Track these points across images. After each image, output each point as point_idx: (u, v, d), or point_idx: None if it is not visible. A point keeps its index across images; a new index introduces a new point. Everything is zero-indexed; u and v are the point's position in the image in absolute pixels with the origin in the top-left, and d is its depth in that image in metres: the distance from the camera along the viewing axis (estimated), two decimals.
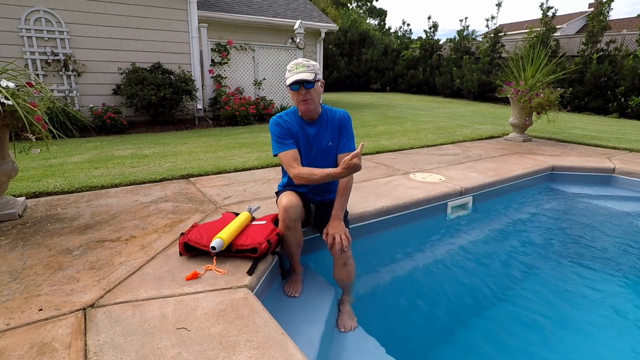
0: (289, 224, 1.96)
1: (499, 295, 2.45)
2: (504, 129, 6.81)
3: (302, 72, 1.95)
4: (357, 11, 30.21)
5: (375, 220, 2.79)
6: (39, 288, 1.69)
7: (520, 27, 20.64)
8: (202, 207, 2.77)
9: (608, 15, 11.58)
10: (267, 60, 8.21)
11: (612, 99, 10.88)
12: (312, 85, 1.98)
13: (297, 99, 2.01)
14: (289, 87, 1.99)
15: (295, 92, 1.99)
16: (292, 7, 10.84)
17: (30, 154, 2.38)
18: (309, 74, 1.95)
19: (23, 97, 2.24)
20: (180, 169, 3.74)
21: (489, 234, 3.21)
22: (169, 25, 6.91)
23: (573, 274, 2.68)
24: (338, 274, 2.10)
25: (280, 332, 1.42)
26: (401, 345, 1.95)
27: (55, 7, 5.92)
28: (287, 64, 8.84)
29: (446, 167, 4.11)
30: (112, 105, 6.48)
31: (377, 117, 8.45)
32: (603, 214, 3.64)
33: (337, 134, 2.15)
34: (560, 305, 2.34)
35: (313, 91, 2.00)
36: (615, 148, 5.29)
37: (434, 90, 16.94)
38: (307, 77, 1.94)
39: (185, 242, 1.94)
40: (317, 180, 1.97)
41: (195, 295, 1.65)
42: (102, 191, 3.09)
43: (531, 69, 5.58)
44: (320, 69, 2.04)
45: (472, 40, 15.83)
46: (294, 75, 1.95)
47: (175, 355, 1.30)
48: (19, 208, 2.52)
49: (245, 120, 7.17)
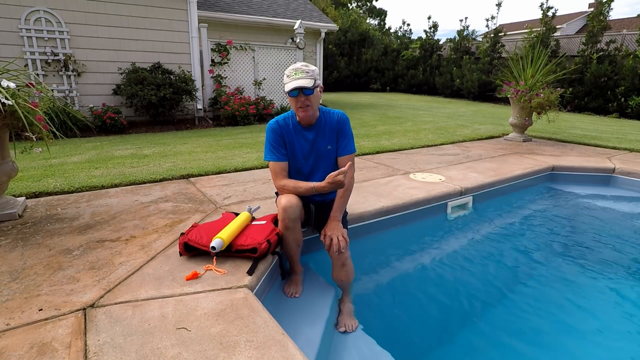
0: (288, 224, 1.96)
1: (498, 296, 2.45)
2: (504, 129, 6.81)
3: (302, 78, 1.92)
4: (357, 11, 30.20)
5: (375, 220, 2.80)
6: (39, 288, 1.70)
7: (520, 27, 20.63)
8: (202, 207, 2.77)
9: (608, 15, 11.58)
10: (267, 60, 8.21)
11: (612, 99, 10.88)
12: (311, 92, 1.95)
13: (296, 105, 1.99)
14: (288, 94, 1.97)
15: (294, 98, 1.97)
16: (292, 7, 10.84)
17: (31, 154, 2.38)
18: (308, 80, 1.92)
19: (23, 97, 2.24)
20: (180, 169, 3.74)
21: (489, 234, 3.21)
22: (169, 25, 6.91)
23: (573, 274, 2.68)
24: (337, 275, 2.10)
25: (280, 332, 1.42)
26: (401, 345, 1.95)
27: (55, 7, 5.92)
28: (287, 64, 8.80)
29: (446, 167, 4.11)
30: (112, 105, 6.49)
31: (377, 117, 8.45)
32: (603, 214, 3.64)
33: (335, 137, 2.14)
34: (561, 306, 2.34)
35: (312, 98, 1.97)
36: (615, 148, 5.29)
37: (434, 90, 16.94)
38: (306, 84, 1.91)
39: (185, 242, 1.95)
40: (302, 193, 2.00)
41: (195, 295, 1.65)
42: (102, 191, 3.09)
43: (531, 69, 5.58)
44: (320, 73, 2.00)
45: (472, 40, 15.83)
46: (293, 81, 1.92)
47: (175, 355, 1.30)
48: (19, 208, 2.52)
49: (245, 120, 7.17)
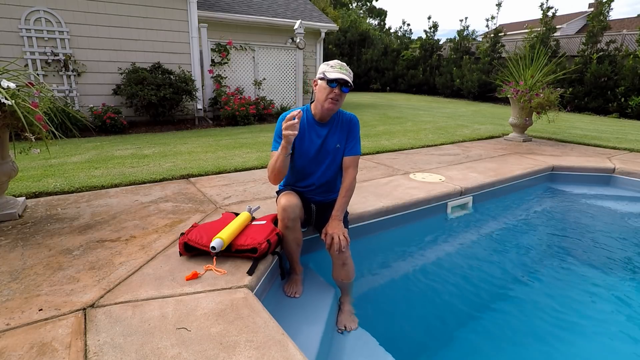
0: (288, 224, 1.96)
1: (498, 295, 2.45)
2: (504, 129, 6.81)
3: (346, 75, 1.97)
4: (357, 11, 30.20)
5: (375, 220, 2.80)
6: (39, 288, 1.69)
7: (520, 27, 20.64)
8: (202, 207, 2.77)
9: (608, 15, 11.59)
10: (267, 60, 8.21)
11: (612, 99, 10.88)
12: (347, 90, 2.01)
13: (327, 96, 1.98)
14: (326, 82, 1.96)
15: (331, 88, 1.97)
16: (292, 7, 10.84)
17: (30, 154, 2.38)
18: (350, 79, 1.98)
19: (23, 97, 2.24)
20: (180, 169, 3.74)
21: (489, 234, 3.21)
22: (169, 26, 6.91)
23: (573, 274, 2.68)
24: (337, 274, 2.10)
25: (280, 332, 1.42)
26: (401, 345, 1.95)
27: (55, 7, 5.92)
28: (287, 64, 8.76)
29: (446, 167, 4.11)
30: (112, 105, 6.48)
31: (377, 117, 8.45)
32: (603, 214, 3.64)
33: (345, 137, 2.17)
34: (561, 306, 2.34)
35: (344, 96, 2.02)
36: (615, 148, 5.29)
37: (434, 90, 16.94)
38: (349, 79, 1.97)
39: (185, 242, 1.94)
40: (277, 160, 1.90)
41: (195, 295, 1.65)
42: (102, 191, 3.09)
43: (531, 69, 5.58)
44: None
45: (472, 40, 15.84)
46: (337, 73, 1.95)
47: (175, 355, 1.30)
48: (19, 208, 2.52)
49: (245, 120, 7.17)
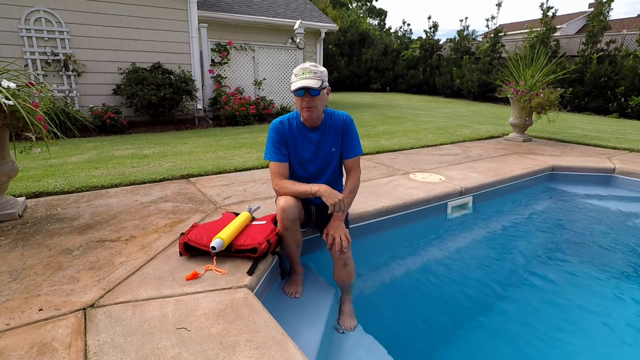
0: (287, 225, 1.96)
1: (498, 295, 2.45)
2: (504, 129, 6.81)
3: (309, 78, 1.90)
4: (357, 11, 30.19)
5: (375, 220, 2.80)
6: (39, 288, 1.69)
7: (520, 27, 20.64)
8: (202, 207, 2.77)
9: (608, 15, 11.58)
10: (267, 60, 8.21)
11: (612, 99, 10.87)
12: (317, 93, 1.94)
13: (301, 105, 1.98)
14: (294, 92, 1.96)
15: (300, 98, 1.95)
16: (292, 7, 10.84)
17: (30, 154, 2.38)
18: (316, 80, 1.91)
19: (24, 97, 2.24)
20: (180, 169, 3.74)
21: (489, 234, 3.21)
22: (169, 25, 6.91)
23: (573, 274, 2.67)
24: (338, 275, 2.10)
25: (280, 332, 1.42)
26: (401, 345, 1.95)
27: (55, 7, 5.92)
28: (287, 64, 8.78)
29: (446, 167, 4.11)
30: (112, 105, 6.48)
31: (377, 117, 8.45)
32: (603, 214, 3.63)
33: (340, 139, 2.13)
34: (560, 305, 2.34)
35: (318, 99, 1.96)
36: (615, 148, 5.29)
37: (434, 90, 16.94)
38: (312, 84, 1.89)
39: (185, 242, 1.94)
40: (299, 195, 1.98)
41: (195, 295, 1.65)
42: (102, 191, 3.09)
43: (531, 69, 5.58)
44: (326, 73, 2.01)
45: (472, 40, 15.82)
46: (300, 80, 1.91)
47: (175, 355, 1.30)
48: (19, 208, 2.52)
49: (245, 120, 7.17)
